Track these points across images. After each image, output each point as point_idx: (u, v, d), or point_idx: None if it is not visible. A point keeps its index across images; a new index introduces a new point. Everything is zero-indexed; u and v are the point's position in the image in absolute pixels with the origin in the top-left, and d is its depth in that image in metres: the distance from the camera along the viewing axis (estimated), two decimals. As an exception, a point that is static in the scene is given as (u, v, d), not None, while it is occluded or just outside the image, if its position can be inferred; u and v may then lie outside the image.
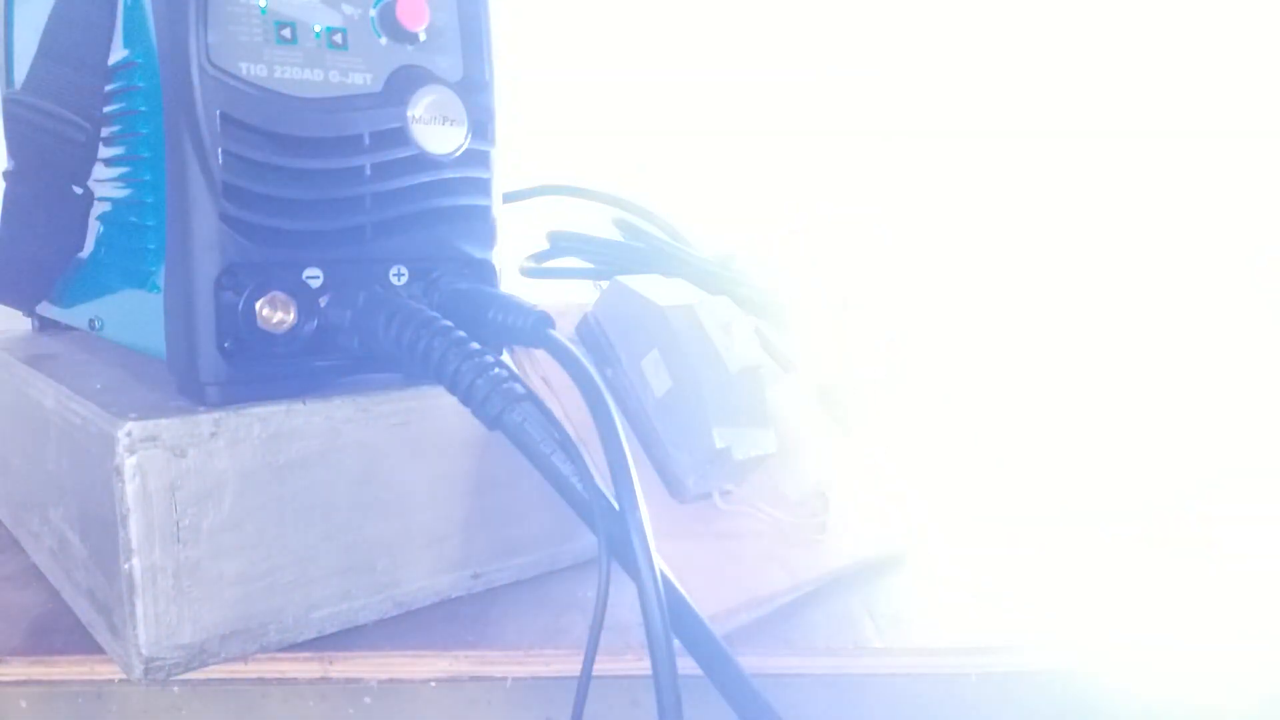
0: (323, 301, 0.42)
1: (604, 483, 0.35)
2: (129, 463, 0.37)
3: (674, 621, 0.34)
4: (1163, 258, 0.77)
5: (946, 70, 0.84)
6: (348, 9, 0.42)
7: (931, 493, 0.58)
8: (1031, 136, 0.82)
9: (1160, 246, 0.77)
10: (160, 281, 0.41)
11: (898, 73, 0.84)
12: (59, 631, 0.43)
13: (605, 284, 0.50)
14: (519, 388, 0.37)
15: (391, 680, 0.41)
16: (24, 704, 0.41)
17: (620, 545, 0.34)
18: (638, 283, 0.49)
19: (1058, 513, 0.57)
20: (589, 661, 0.34)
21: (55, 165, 0.46)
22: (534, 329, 0.40)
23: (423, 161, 0.43)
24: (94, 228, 0.49)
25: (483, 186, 0.45)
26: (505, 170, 0.47)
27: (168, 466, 0.38)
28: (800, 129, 0.86)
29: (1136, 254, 0.77)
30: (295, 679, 0.41)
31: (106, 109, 0.45)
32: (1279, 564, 0.50)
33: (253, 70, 0.39)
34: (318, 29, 0.41)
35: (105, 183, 0.47)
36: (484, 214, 0.46)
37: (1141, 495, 0.58)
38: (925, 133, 0.84)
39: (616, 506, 0.35)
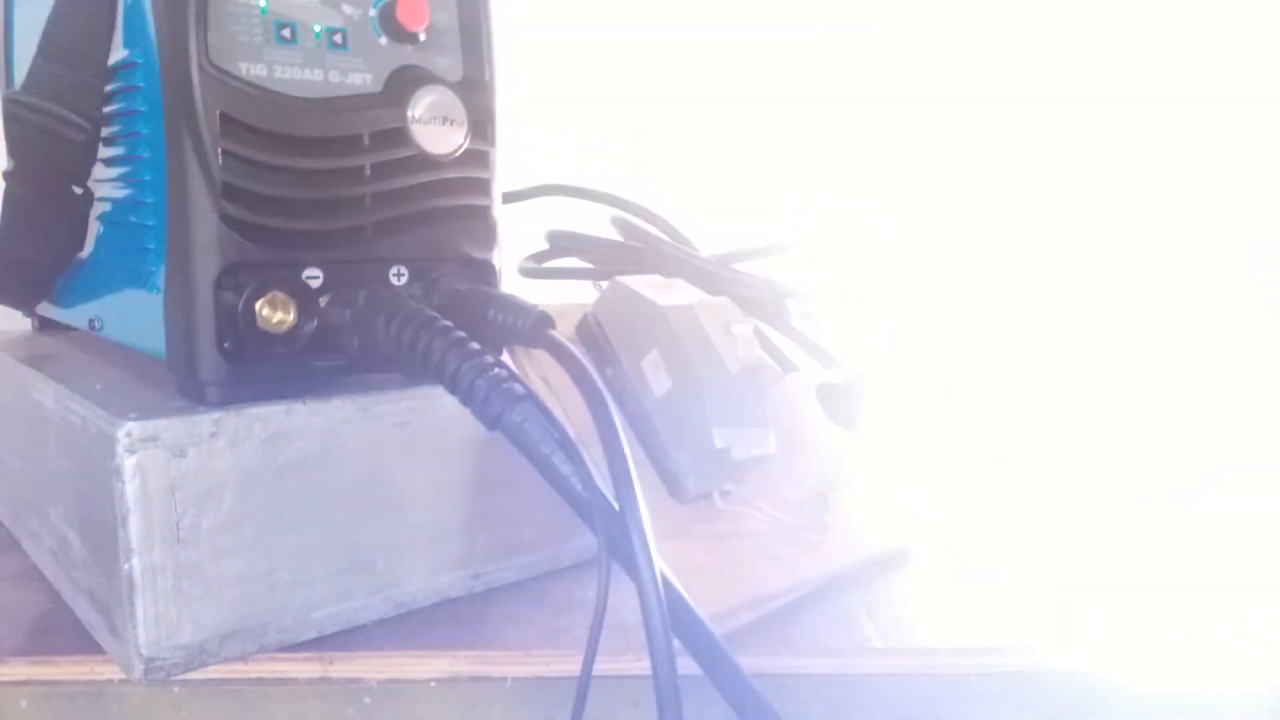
0: (323, 301, 0.42)
1: (604, 483, 0.35)
2: (129, 463, 0.37)
3: (674, 621, 0.34)
4: (1164, 249, 0.77)
5: (947, 34, 0.83)
6: (348, 9, 0.42)
7: (932, 489, 0.58)
8: (1036, 104, 0.82)
9: (1162, 237, 0.77)
10: (160, 281, 0.41)
11: (897, 38, 0.84)
12: (59, 631, 0.43)
13: (605, 284, 0.50)
14: (519, 388, 0.37)
15: (391, 680, 0.41)
16: (24, 704, 0.41)
17: (620, 545, 0.34)
18: (638, 283, 0.49)
19: (1059, 508, 0.57)
20: (589, 661, 0.34)
21: (55, 165, 0.46)
22: (534, 329, 0.40)
23: (422, 162, 0.43)
24: (94, 228, 0.49)
25: (483, 187, 0.45)
26: (505, 170, 0.47)
27: (168, 466, 0.38)
28: (800, 95, 0.85)
29: (1138, 245, 0.77)
30: (295, 679, 0.41)
31: (106, 109, 0.45)
32: (1274, 563, 0.50)
33: (253, 70, 0.39)
34: (318, 29, 0.41)
35: (105, 183, 0.47)
36: (484, 214, 0.46)
37: (1143, 490, 0.58)
38: (925, 99, 0.83)
39: (616, 506, 0.35)
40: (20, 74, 0.49)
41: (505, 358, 0.42)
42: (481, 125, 0.45)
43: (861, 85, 0.85)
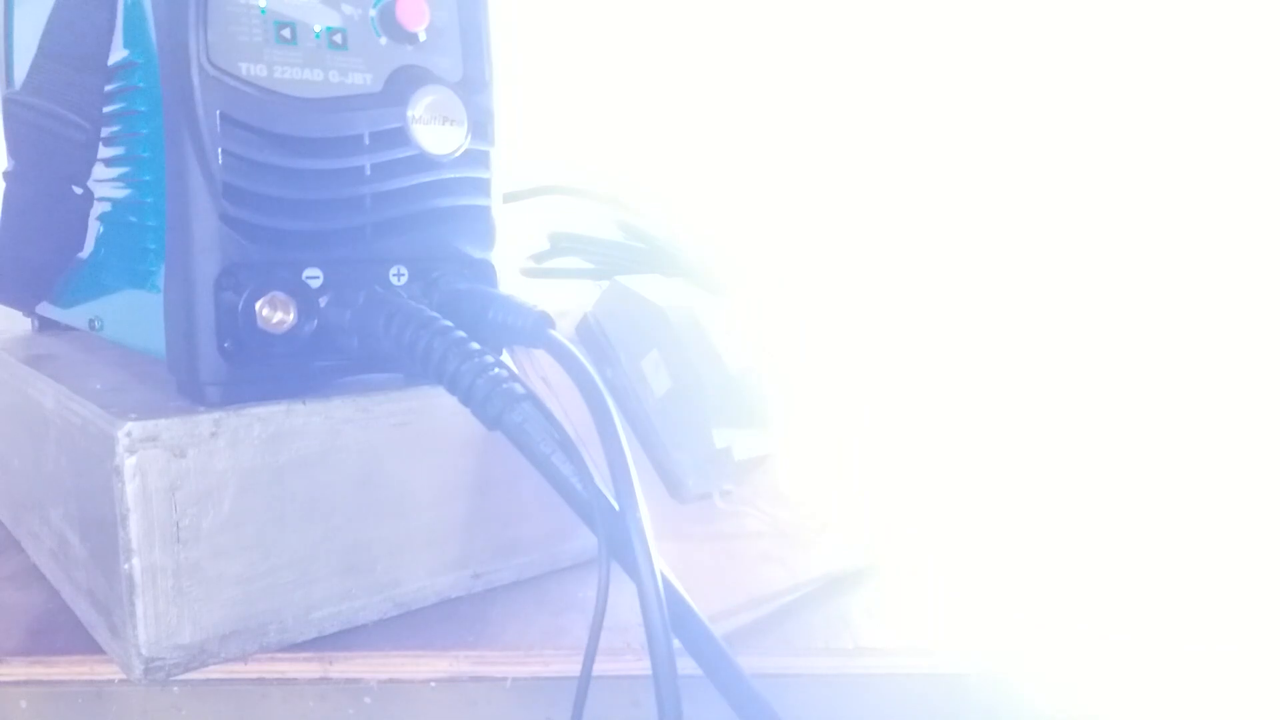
0: (323, 301, 0.42)
1: (604, 483, 0.35)
2: (129, 463, 0.37)
3: (674, 621, 0.34)
4: (1156, 254, 0.77)
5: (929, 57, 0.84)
6: (348, 9, 0.42)
7: (926, 489, 0.58)
8: (1010, 104, 0.82)
9: (1154, 241, 0.77)
10: (160, 281, 0.41)
11: (896, 38, 0.84)
12: (59, 631, 0.43)
13: (605, 284, 0.50)
14: (519, 388, 0.37)
15: (391, 680, 0.41)
16: (24, 704, 0.41)
17: (620, 545, 0.34)
18: (638, 283, 0.49)
19: (1053, 507, 0.57)
20: (589, 661, 0.34)
21: (55, 165, 0.46)
22: (534, 329, 0.40)
23: (422, 161, 0.43)
24: (94, 228, 0.49)
25: (482, 186, 0.45)
26: (505, 170, 0.47)
27: (168, 466, 0.38)
28: (800, 95, 0.85)
29: (1127, 249, 0.77)
30: (295, 679, 0.41)
31: (106, 109, 0.45)
32: (1274, 561, 0.50)
33: (253, 70, 0.39)
34: (318, 29, 0.41)
35: (105, 183, 0.47)
36: (484, 214, 0.46)
37: (1134, 489, 0.58)
38: (919, 101, 0.84)
39: (616, 506, 0.35)
40: (20, 74, 0.49)
41: (505, 358, 0.42)
42: (481, 125, 0.45)
43: (860, 86, 0.85)
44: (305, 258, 0.41)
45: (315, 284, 0.42)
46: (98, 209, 0.48)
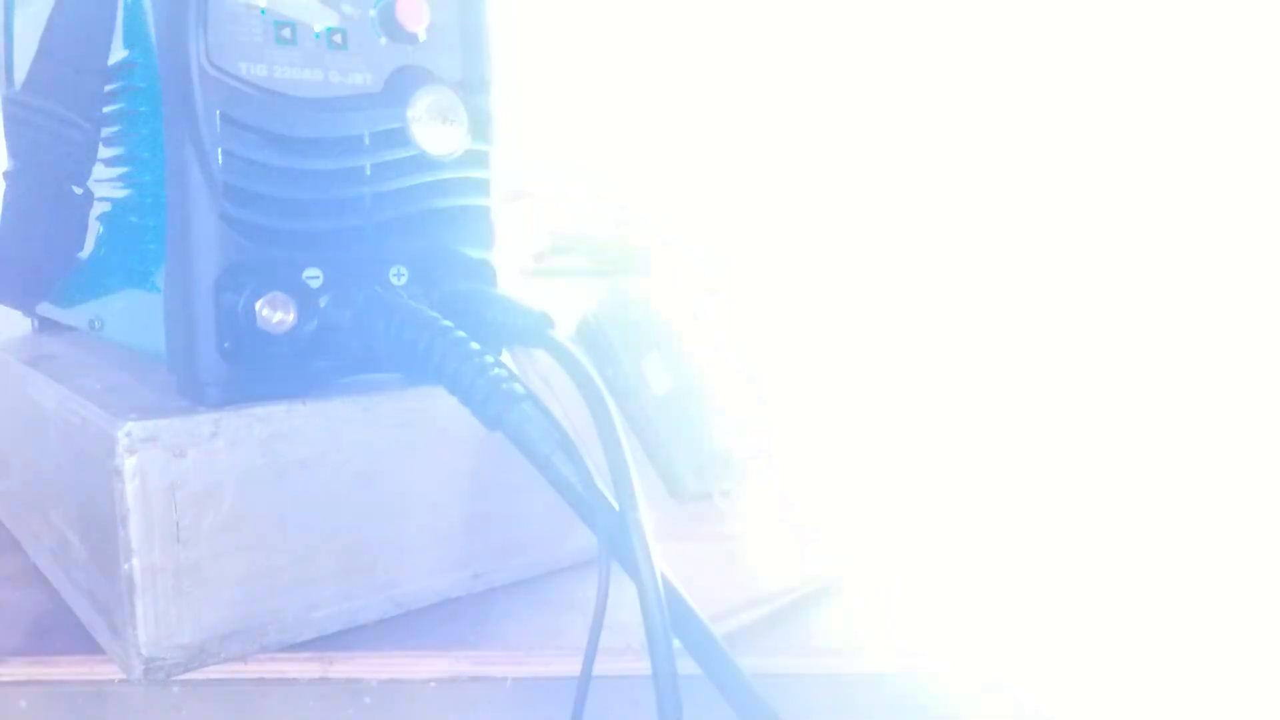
0: (323, 301, 0.42)
1: (604, 483, 0.35)
2: (129, 463, 0.37)
3: (674, 621, 0.34)
4: (1152, 254, 0.77)
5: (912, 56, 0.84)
6: (348, 9, 0.42)
7: (927, 492, 0.58)
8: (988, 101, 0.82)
9: (1139, 247, 0.77)
10: (160, 281, 0.41)
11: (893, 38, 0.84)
12: (59, 631, 0.43)
13: (605, 284, 0.50)
14: (519, 388, 0.37)
15: (391, 680, 0.41)
16: (24, 704, 0.41)
17: (620, 545, 0.34)
18: (638, 283, 0.49)
19: (1050, 512, 0.57)
20: (589, 661, 0.34)
21: (55, 165, 0.46)
22: (534, 329, 0.40)
23: (422, 161, 0.43)
24: (94, 228, 0.49)
25: (482, 186, 0.45)
26: (505, 170, 0.47)
27: (168, 466, 0.38)
28: (798, 95, 0.85)
29: (1120, 250, 0.77)
30: (295, 679, 0.41)
31: (106, 109, 0.45)
32: (1272, 561, 0.50)
33: (253, 70, 0.40)
34: (318, 29, 0.41)
35: (105, 183, 0.47)
36: (484, 214, 0.46)
37: (1133, 498, 0.58)
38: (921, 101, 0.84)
39: (616, 506, 0.35)
40: (20, 74, 0.49)
41: (505, 358, 0.42)
42: (481, 125, 0.45)
43: (855, 85, 0.85)
44: (305, 258, 0.41)
45: (315, 284, 0.42)
46: (98, 209, 0.48)
